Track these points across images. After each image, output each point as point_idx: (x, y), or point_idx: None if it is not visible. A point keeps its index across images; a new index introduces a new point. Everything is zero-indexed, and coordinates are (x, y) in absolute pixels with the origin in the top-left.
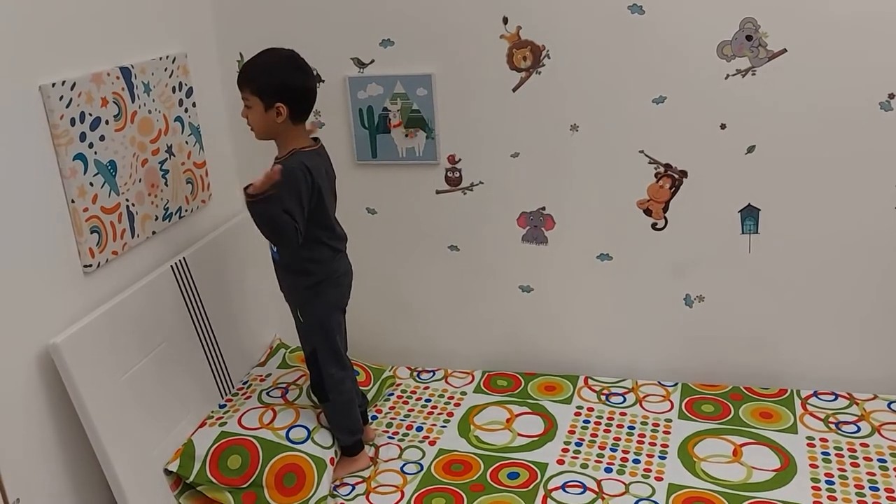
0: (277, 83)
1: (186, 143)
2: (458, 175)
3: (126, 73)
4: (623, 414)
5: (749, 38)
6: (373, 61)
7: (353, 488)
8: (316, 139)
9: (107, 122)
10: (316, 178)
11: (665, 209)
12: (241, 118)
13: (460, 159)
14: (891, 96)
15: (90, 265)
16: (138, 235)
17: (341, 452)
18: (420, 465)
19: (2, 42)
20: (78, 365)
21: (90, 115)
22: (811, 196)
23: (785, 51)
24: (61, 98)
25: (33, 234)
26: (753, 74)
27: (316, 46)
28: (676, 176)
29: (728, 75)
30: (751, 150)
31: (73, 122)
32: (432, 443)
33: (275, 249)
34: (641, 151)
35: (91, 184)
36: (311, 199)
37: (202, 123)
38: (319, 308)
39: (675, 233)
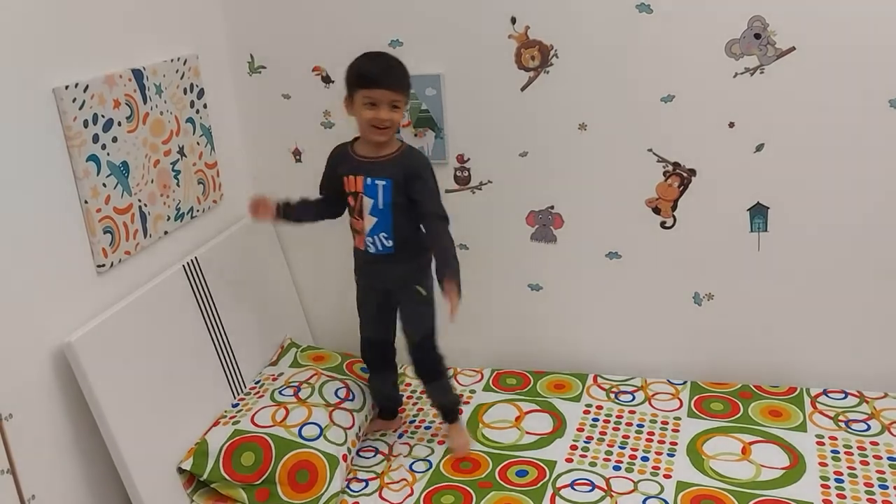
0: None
1: (198, 143)
2: (467, 174)
3: (138, 74)
4: (632, 412)
5: (757, 36)
6: None
7: (367, 484)
8: None
9: (119, 124)
10: None
11: (674, 207)
12: (253, 120)
13: (469, 158)
14: None
15: (103, 265)
16: (150, 235)
17: (451, 420)
18: (429, 462)
19: (15, 45)
20: (92, 363)
21: (103, 116)
22: (820, 194)
23: (794, 49)
24: (74, 100)
25: (47, 234)
26: (762, 73)
27: (325, 47)
28: (685, 174)
29: (736, 73)
30: (759, 148)
31: (85, 123)
32: (441, 441)
33: (389, 244)
34: (650, 150)
35: (104, 185)
36: None
37: (213, 124)
38: (431, 282)
39: (683, 231)
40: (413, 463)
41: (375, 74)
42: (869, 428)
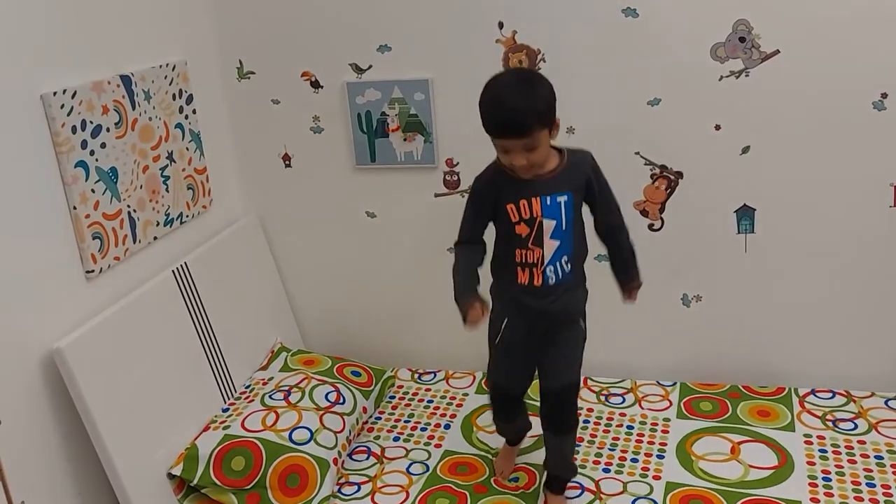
0: (552, 102)
1: (187, 149)
2: (456, 178)
3: (126, 81)
4: (623, 414)
5: (742, 39)
6: (371, 67)
7: (359, 488)
8: None
9: (108, 130)
10: None
11: (661, 210)
12: (243, 126)
13: (458, 163)
14: (884, 96)
15: (92, 271)
16: (140, 241)
17: (559, 489)
18: (426, 465)
19: (3, 52)
20: (81, 369)
21: (91, 122)
22: (806, 196)
23: (778, 52)
24: (62, 106)
25: (36, 240)
26: (747, 76)
27: (315, 52)
28: (672, 177)
29: (722, 77)
30: (745, 150)
31: (74, 129)
32: (437, 445)
33: (568, 268)
34: (637, 153)
35: (93, 190)
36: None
37: (202, 130)
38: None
39: (671, 233)
40: (410, 465)
41: (496, 124)
42: (856, 427)
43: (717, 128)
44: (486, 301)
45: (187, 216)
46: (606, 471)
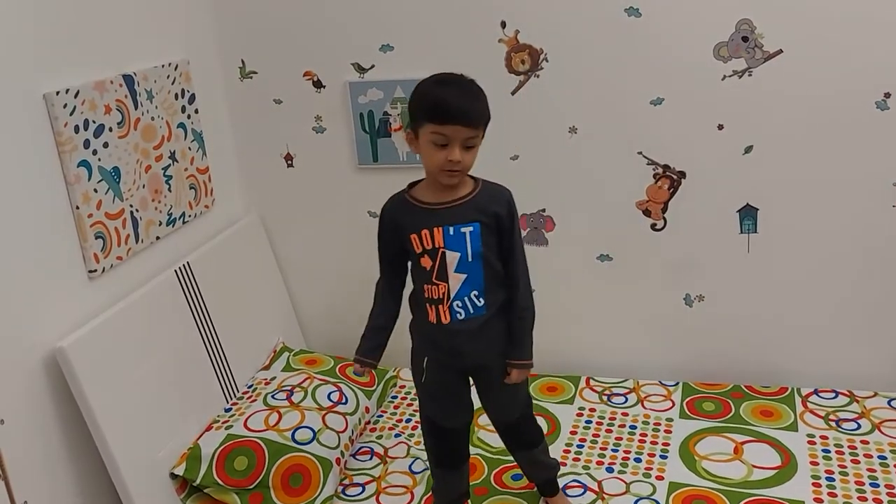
0: (489, 116)
1: (189, 149)
2: None
3: (129, 80)
4: (625, 414)
5: (745, 39)
6: (373, 66)
7: (364, 489)
8: None
9: (110, 129)
10: None
11: (664, 210)
12: (245, 125)
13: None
14: (887, 95)
15: (95, 270)
16: (142, 241)
17: (554, 491)
18: (427, 464)
19: (5, 51)
20: (84, 369)
21: (94, 122)
22: (809, 195)
23: (781, 51)
24: (65, 106)
25: (39, 239)
26: (750, 75)
27: (317, 52)
28: (675, 177)
29: (725, 76)
30: (748, 150)
31: (76, 129)
32: None
33: (481, 304)
34: (640, 153)
35: (95, 190)
36: None
37: (204, 129)
38: None
39: (674, 233)
40: (413, 462)
41: (448, 107)
42: (859, 427)
43: (720, 127)
44: (373, 364)
45: (189, 216)
46: (609, 471)
